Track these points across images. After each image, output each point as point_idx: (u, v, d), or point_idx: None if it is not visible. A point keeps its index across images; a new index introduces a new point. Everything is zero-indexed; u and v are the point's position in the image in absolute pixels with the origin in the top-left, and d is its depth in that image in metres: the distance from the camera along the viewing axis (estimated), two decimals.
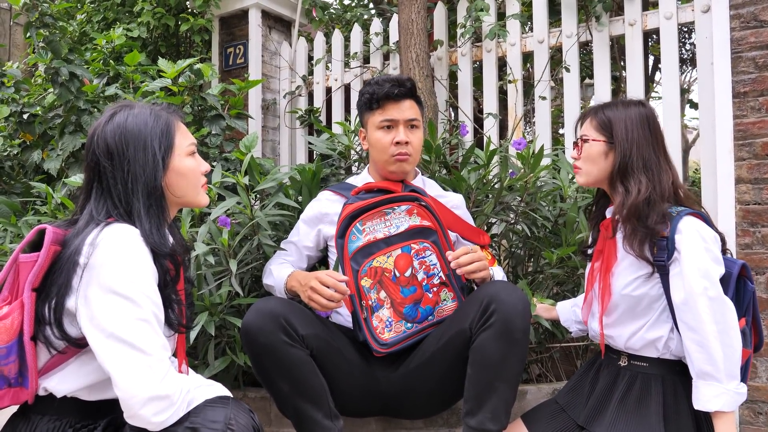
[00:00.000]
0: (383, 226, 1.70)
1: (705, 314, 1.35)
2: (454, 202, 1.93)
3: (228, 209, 1.93)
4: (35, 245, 1.14)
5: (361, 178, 1.91)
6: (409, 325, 1.68)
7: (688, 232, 1.39)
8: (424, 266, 1.70)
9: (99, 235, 1.11)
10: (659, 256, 1.42)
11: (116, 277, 1.08)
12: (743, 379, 1.40)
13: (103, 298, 1.08)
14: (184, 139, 1.29)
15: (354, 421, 1.93)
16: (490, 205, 2.09)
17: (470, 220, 1.94)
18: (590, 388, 1.59)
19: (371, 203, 1.71)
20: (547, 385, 2.10)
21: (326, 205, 1.86)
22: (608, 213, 1.60)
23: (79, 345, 1.12)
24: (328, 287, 1.56)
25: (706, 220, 1.44)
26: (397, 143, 1.74)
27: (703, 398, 1.36)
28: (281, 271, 1.79)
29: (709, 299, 1.35)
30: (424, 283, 1.69)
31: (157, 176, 1.21)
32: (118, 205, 1.18)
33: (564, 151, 2.47)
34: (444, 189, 2.03)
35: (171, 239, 1.26)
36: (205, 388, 1.18)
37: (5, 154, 3.20)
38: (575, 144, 1.60)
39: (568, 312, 1.79)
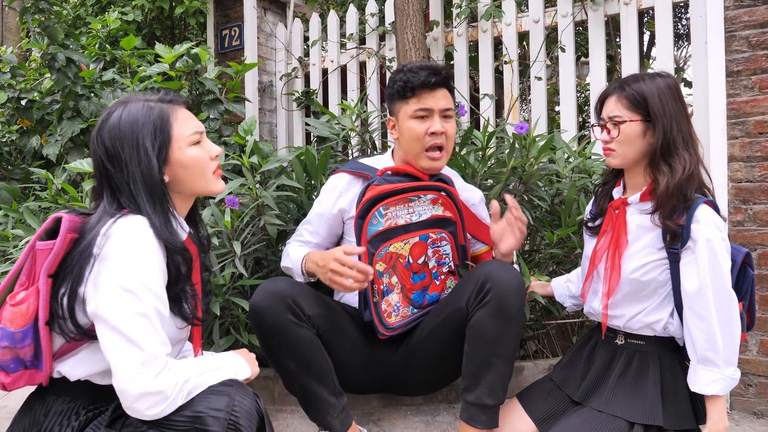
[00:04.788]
0: (406, 212, 1.67)
1: (715, 305, 1.38)
2: (475, 199, 1.90)
3: (232, 190, 1.95)
4: (52, 233, 1.15)
5: (383, 161, 1.83)
6: (415, 310, 1.72)
7: (705, 222, 1.40)
8: (437, 255, 1.71)
9: (112, 227, 1.13)
10: (672, 244, 1.43)
11: (121, 269, 1.10)
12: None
13: (109, 289, 1.09)
14: (185, 129, 1.24)
15: (356, 398, 1.98)
16: (497, 189, 2.11)
17: (487, 217, 1.90)
18: (586, 365, 1.62)
19: (399, 188, 1.66)
20: (544, 361, 2.15)
21: (345, 188, 1.78)
22: (615, 193, 1.59)
23: (88, 334, 1.14)
24: (349, 268, 1.50)
25: (717, 207, 1.45)
26: (432, 134, 1.67)
27: (701, 382, 1.40)
28: (297, 253, 1.74)
29: (720, 291, 1.38)
30: (434, 271, 1.72)
31: (153, 173, 1.18)
32: (128, 204, 1.19)
33: (559, 130, 2.49)
34: (465, 180, 2.00)
35: (183, 232, 1.26)
36: (210, 374, 1.18)
37: (3, 140, 3.21)
38: (602, 126, 1.53)
39: (562, 287, 1.83)
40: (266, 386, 2.07)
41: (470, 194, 1.90)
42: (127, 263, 1.10)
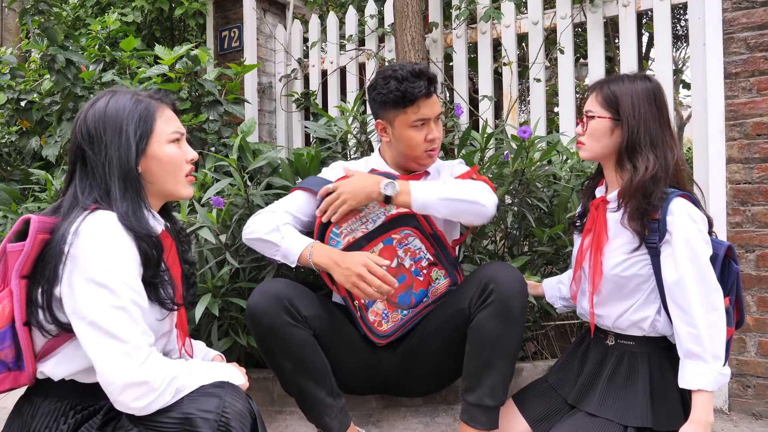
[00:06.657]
0: (360, 224, 1.67)
1: (695, 295, 1.38)
2: (455, 171, 1.84)
3: (222, 190, 1.96)
4: (23, 234, 1.16)
5: (372, 162, 1.85)
6: (405, 312, 1.72)
7: (679, 213, 1.42)
8: (409, 252, 1.70)
9: (82, 224, 1.13)
10: (651, 238, 1.45)
11: (95, 266, 1.10)
12: (725, 358, 1.43)
13: (84, 287, 1.10)
14: (167, 126, 1.27)
15: (355, 399, 1.98)
16: (500, 193, 2.11)
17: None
18: (579, 367, 1.62)
19: None
20: (543, 362, 2.16)
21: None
22: (598, 192, 1.61)
23: (69, 330, 1.14)
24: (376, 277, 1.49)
25: (695, 201, 1.47)
26: (431, 140, 1.72)
27: (688, 376, 1.39)
28: (292, 233, 1.63)
29: (699, 281, 1.39)
30: (412, 269, 1.71)
31: (130, 160, 1.21)
32: (98, 188, 1.19)
33: (558, 131, 2.49)
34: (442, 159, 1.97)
35: (158, 224, 1.26)
36: (200, 374, 1.17)
37: (3, 141, 3.21)
38: (580, 119, 1.59)
39: (553, 289, 1.83)
40: (265, 387, 2.07)
41: (450, 169, 1.85)
42: (100, 260, 1.11)
